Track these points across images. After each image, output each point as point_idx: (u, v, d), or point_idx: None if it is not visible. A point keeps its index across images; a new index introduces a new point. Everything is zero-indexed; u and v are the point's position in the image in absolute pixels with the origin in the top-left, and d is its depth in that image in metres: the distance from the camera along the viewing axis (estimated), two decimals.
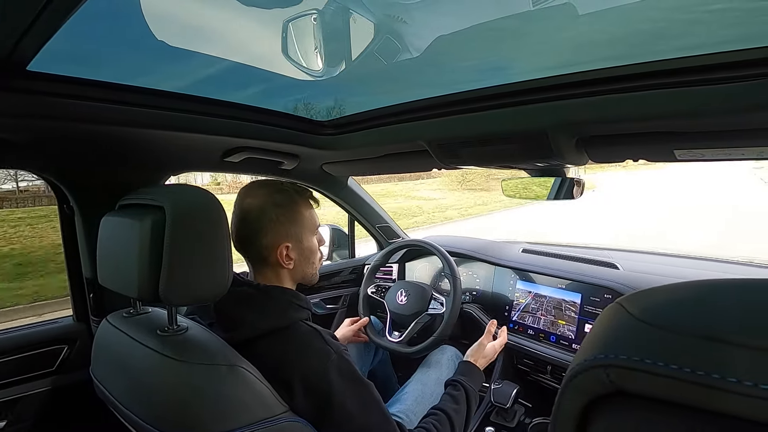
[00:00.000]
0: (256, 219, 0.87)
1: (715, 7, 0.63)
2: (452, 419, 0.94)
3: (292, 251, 0.89)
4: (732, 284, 0.24)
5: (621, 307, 0.26)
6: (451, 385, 1.06)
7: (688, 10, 0.68)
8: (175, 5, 0.88)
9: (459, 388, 1.04)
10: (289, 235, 0.89)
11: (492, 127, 0.91)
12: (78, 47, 0.77)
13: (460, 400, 1.01)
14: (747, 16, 0.64)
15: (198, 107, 0.96)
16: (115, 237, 0.75)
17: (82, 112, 0.81)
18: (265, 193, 0.89)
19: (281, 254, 0.88)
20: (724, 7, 0.63)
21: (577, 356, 0.26)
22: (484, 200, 15.82)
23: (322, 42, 1.03)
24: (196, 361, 0.66)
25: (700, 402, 0.21)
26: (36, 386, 1.09)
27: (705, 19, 0.65)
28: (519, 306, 1.48)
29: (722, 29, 0.65)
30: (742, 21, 0.64)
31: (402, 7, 0.93)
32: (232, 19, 0.95)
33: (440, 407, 0.97)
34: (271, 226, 0.87)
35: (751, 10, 0.63)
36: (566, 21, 0.81)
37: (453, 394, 1.02)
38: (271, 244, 0.87)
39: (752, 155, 0.78)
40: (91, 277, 1.11)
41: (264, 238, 0.87)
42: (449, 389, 1.04)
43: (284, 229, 0.88)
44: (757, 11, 0.62)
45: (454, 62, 1.05)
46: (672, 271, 1.36)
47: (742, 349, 0.20)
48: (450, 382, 1.07)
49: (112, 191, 0.96)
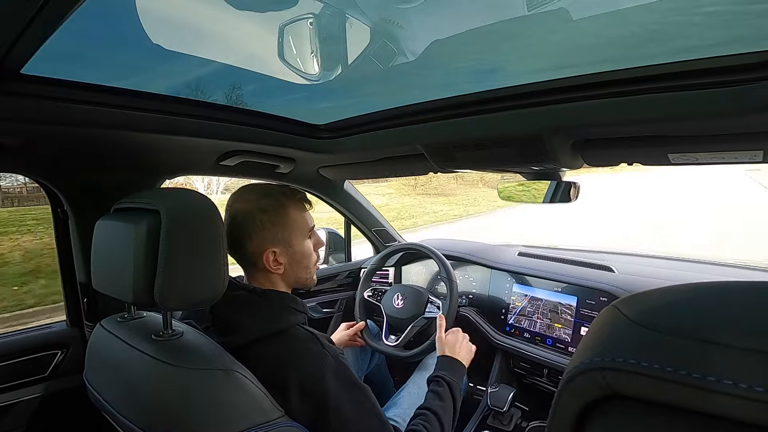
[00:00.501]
0: (243, 224, 0.86)
1: (708, 9, 0.64)
2: (440, 416, 0.93)
3: (280, 256, 0.88)
4: (727, 287, 0.24)
5: (616, 310, 0.26)
6: (434, 382, 1.04)
7: (682, 12, 0.69)
8: (172, 8, 0.88)
9: (442, 383, 1.03)
10: (276, 241, 0.88)
11: (488, 130, 0.91)
12: (73, 49, 0.76)
13: (445, 396, 1.00)
14: (738, 19, 0.65)
15: (193, 110, 0.96)
16: (109, 241, 0.75)
17: (76, 115, 0.81)
18: (253, 198, 0.88)
19: (267, 260, 0.87)
20: (717, 10, 0.63)
21: (573, 359, 0.26)
22: (440, 208, 14.15)
23: (319, 46, 1.03)
24: (192, 366, 0.66)
25: (695, 404, 0.21)
26: (29, 392, 1.07)
27: (698, 21, 0.66)
28: (515, 309, 1.48)
29: (714, 31, 0.66)
30: (734, 24, 0.65)
31: (398, 12, 0.93)
32: (229, 22, 0.95)
33: (426, 406, 0.96)
34: (256, 231, 0.86)
35: (742, 13, 0.64)
36: (561, 25, 0.81)
37: (437, 390, 1.01)
38: (258, 250, 0.87)
39: (745, 159, 0.79)
40: (85, 281, 1.10)
41: (250, 244, 0.86)
42: (432, 386, 1.03)
43: (270, 234, 0.87)
44: (749, 14, 0.63)
45: (449, 66, 1.06)
46: (667, 273, 1.36)
47: (736, 352, 0.20)
48: (432, 378, 1.06)
49: (107, 195, 0.96)
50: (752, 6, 0.62)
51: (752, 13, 0.62)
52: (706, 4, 0.64)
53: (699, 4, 0.65)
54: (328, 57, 1.08)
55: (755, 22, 0.62)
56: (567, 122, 0.80)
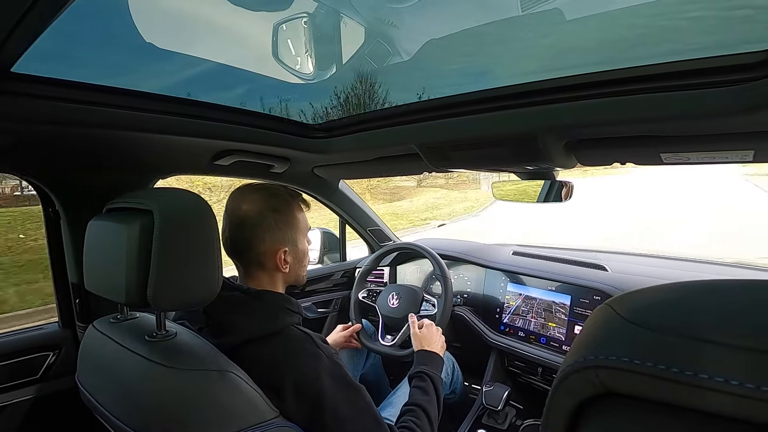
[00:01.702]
0: (255, 225, 0.86)
1: (692, 15, 0.65)
2: (427, 411, 0.94)
3: (288, 255, 0.89)
4: (719, 285, 0.24)
5: (610, 309, 0.26)
6: (416, 378, 1.05)
7: (669, 17, 0.70)
8: (164, 6, 0.88)
9: (425, 378, 1.03)
10: (286, 240, 0.89)
11: (482, 130, 0.91)
12: (64, 48, 0.76)
13: (429, 390, 1.01)
14: (722, 24, 0.66)
15: (187, 109, 0.95)
16: (102, 241, 0.74)
17: (68, 114, 0.80)
18: (261, 198, 0.88)
19: (280, 259, 0.88)
20: (702, 15, 0.64)
21: (567, 358, 0.26)
22: (389, 217, 12.01)
23: (313, 45, 1.03)
24: (186, 366, 0.65)
25: (688, 401, 0.21)
26: (20, 394, 1.06)
27: (683, 26, 0.67)
28: (510, 308, 1.49)
29: (699, 36, 0.67)
30: (718, 29, 0.66)
31: (392, 11, 0.93)
32: (223, 21, 0.94)
33: (413, 402, 0.96)
34: (270, 231, 0.87)
35: (726, 18, 0.65)
36: (554, 26, 0.82)
37: (421, 385, 1.02)
38: (270, 250, 0.87)
39: (736, 158, 0.80)
40: (77, 282, 1.09)
41: (262, 244, 0.86)
42: (416, 381, 1.03)
43: (282, 234, 0.88)
44: (731, 19, 0.64)
45: (444, 66, 1.06)
46: (660, 272, 1.38)
47: (728, 349, 0.20)
48: (414, 374, 1.06)
49: (99, 195, 0.95)
50: (732, 12, 0.64)
51: (733, 18, 0.64)
52: (690, 9, 0.65)
53: (684, 9, 0.66)
54: (322, 56, 1.08)
55: (736, 28, 0.63)
56: (560, 122, 0.80)
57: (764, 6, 0.64)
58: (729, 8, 0.65)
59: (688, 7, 0.67)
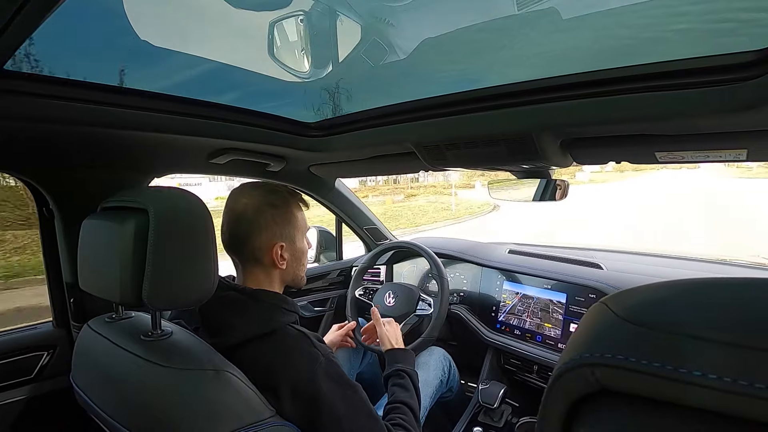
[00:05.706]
0: (252, 219, 0.86)
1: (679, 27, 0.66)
2: (411, 406, 0.96)
3: (285, 251, 0.89)
4: (712, 283, 0.25)
5: (605, 307, 0.27)
6: (394, 376, 1.06)
7: (657, 26, 0.71)
8: (159, 4, 0.87)
9: (402, 375, 1.05)
10: (283, 236, 0.89)
11: (478, 129, 0.92)
12: (58, 45, 0.75)
13: (409, 386, 1.02)
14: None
15: (182, 108, 0.94)
16: (96, 240, 0.73)
17: (61, 112, 0.79)
18: (260, 193, 0.89)
19: (276, 254, 0.88)
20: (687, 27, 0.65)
21: (563, 356, 0.27)
22: None
23: (309, 43, 1.03)
24: (181, 366, 0.65)
25: (682, 399, 0.21)
26: (13, 395, 1.05)
27: (669, 38, 0.68)
28: (506, 307, 1.49)
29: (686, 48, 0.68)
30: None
31: (389, 10, 0.93)
32: (219, 20, 0.94)
33: (398, 400, 0.97)
34: (266, 225, 0.87)
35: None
36: (551, 25, 0.82)
37: (400, 382, 1.03)
38: (266, 244, 0.87)
39: (730, 157, 0.81)
40: (71, 281, 1.08)
41: (258, 238, 0.87)
42: (393, 380, 1.05)
43: (279, 229, 0.88)
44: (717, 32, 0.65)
45: (440, 64, 1.06)
46: (654, 270, 1.39)
47: (721, 347, 0.20)
48: (392, 373, 1.07)
49: (94, 194, 0.94)
50: (720, 25, 0.64)
51: (721, 30, 0.64)
52: (677, 20, 0.66)
53: (672, 18, 0.67)
54: (318, 55, 1.07)
55: (721, 41, 0.63)
56: (556, 121, 0.80)
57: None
58: (715, 21, 0.66)
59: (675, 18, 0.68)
